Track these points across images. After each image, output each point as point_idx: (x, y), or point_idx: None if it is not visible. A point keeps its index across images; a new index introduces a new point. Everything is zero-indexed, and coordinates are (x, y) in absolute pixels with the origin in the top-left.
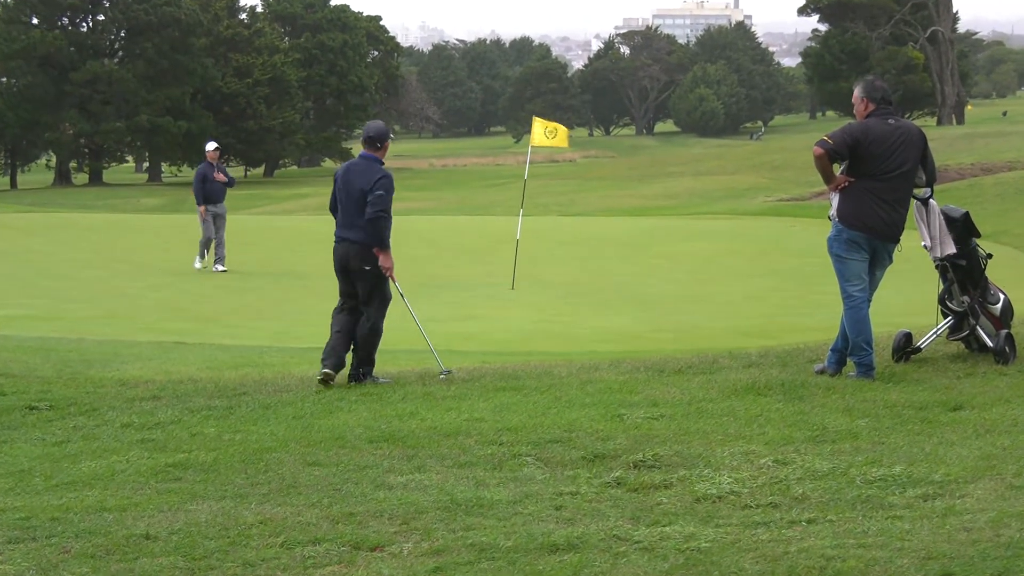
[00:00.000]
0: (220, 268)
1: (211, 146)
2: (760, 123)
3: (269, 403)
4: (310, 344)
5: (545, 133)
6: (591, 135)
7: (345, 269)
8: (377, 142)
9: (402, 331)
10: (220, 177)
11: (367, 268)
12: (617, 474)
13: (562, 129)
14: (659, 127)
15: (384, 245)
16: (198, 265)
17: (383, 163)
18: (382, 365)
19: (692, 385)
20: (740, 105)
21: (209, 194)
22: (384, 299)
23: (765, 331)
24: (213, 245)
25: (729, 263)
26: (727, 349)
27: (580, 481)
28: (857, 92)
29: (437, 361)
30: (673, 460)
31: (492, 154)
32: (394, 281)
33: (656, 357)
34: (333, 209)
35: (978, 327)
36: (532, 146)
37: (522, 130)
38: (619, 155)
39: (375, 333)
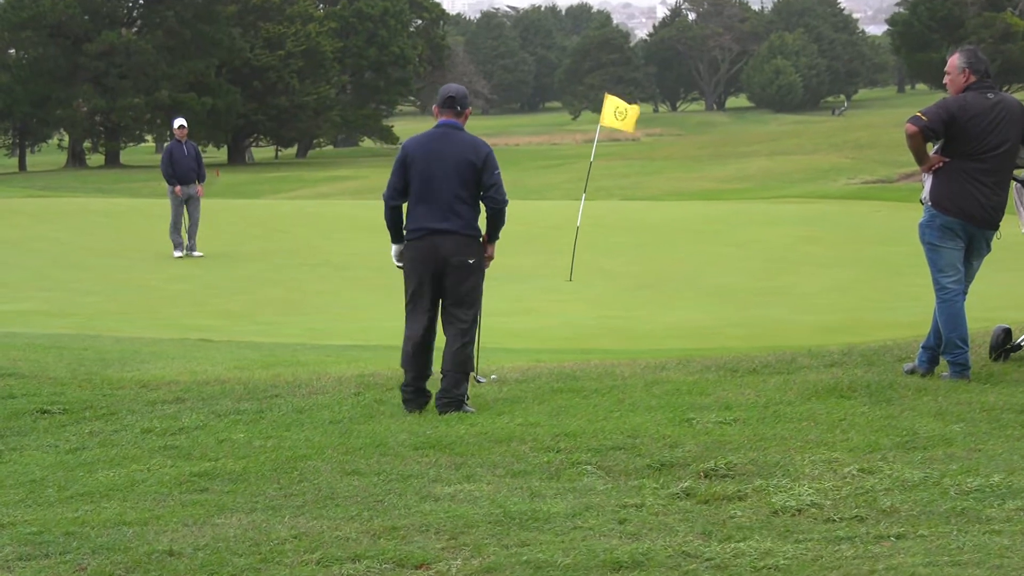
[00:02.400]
0: (197, 254)
1: (178, 123)
2: (843, 97)
3: (303, 406)
4: (348, 341)
5: (615, 113)
6: (656, 111)
7: (437, 267)
8: (459, 105)
9: None
10: (178, 191)
11: (471, 262)
12: (686, 484)
13: (633, 111)
14: (731, 102)
15: (498, 237)
16: (178, 254)
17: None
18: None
19: (768, 386)
20: (820, 77)
21: (179, 174)
22: (481, 298)
23: (849, 327)
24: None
25: (809, 252)
26: (807, 347)
27: (645, 492)
28: (957, 62)
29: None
30: (747, 469)
31: (547, 132)
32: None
33: (728, 355)
34: (397, 195)
35: None
36: (601, 125)
37: (580, 106)
38: (687, 133)
39: (471, 344)
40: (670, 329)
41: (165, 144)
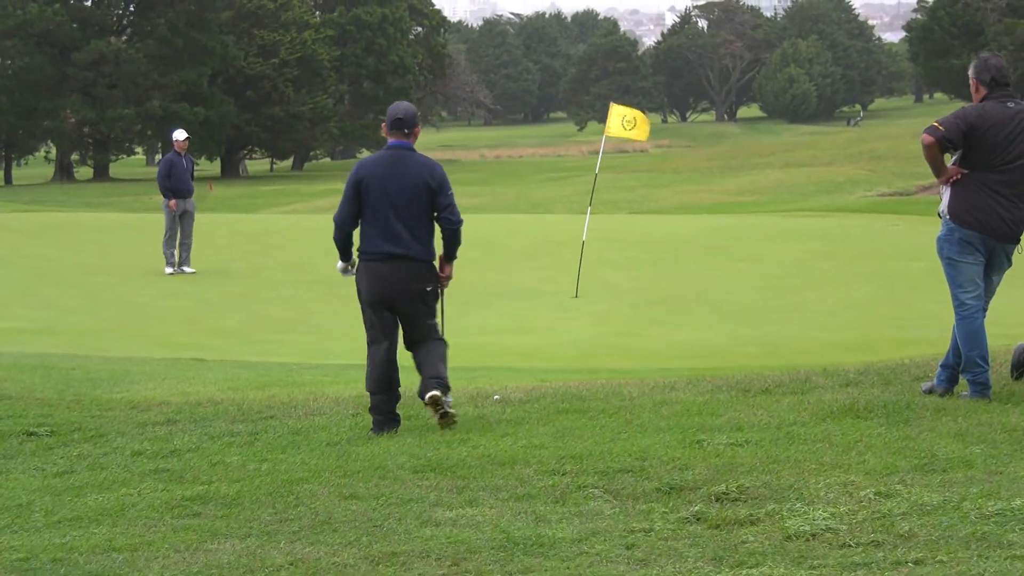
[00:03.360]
0: (189, 270)
1: (180, 135)
2: (858, 107)
3: (300, 428)
4: (346, 361)
5: (623, 123)
6: (665, 121)
7: (393, 295)
8: (406, 127)
9: (452, 347)
10: (173, 205)
11: (428, 289)
12: (696, 508)
13: (643, 119)
14: (743, 112)
15: (455, 257)
16: (169, 271)
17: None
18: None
19: (782, 407)
20: (835, 86)
21: (176, 187)
22: (439, 316)
23: (865, 345)
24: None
25: (823, 267)
26: (821, 366)
27: (654, 516)
28: (969, 72)
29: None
30: (760, 492)
31: (552, 144)
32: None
33: (740, 375)
34: (351, 220)
35: None
36: (607, 136)
37: (586, 116)
38: (697, 144)
39: (444, 346)
40: (679, 347)
41: (158, 157)
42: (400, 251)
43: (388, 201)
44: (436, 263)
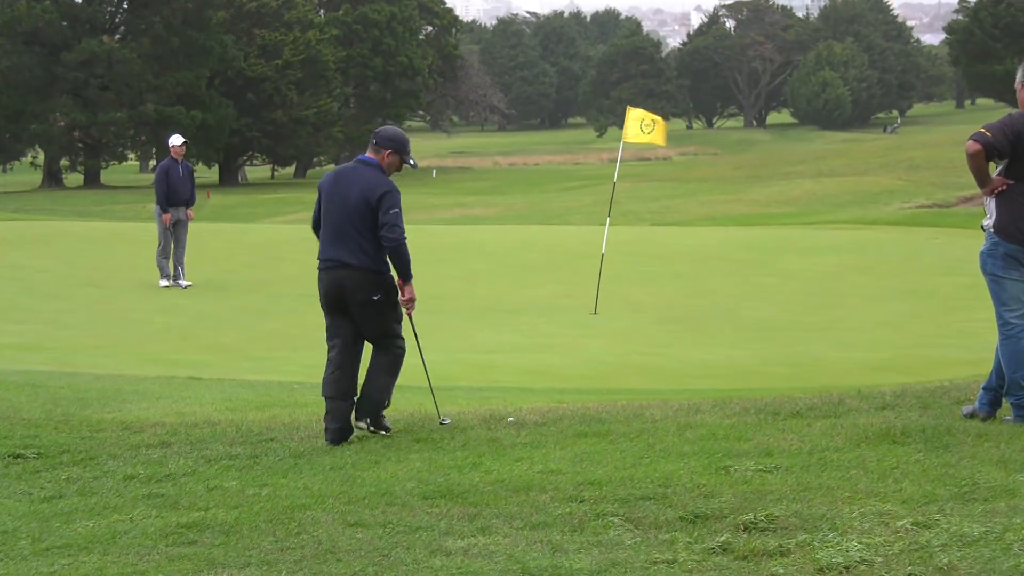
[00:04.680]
0: (185, 283)
1: (177, 140)
2: (896, 113)
3: (302, 451)
4: None
5: (641, 127)
6: (690, 127)
7: (340, 301)
8: (377, 142)
9: (460, 364)
10: (167, 219)
11: (375, 298)
12: (723, 538)
13: (660, 123)
14: (772, 118)
15: (409, 276)
16: (164, 283)
17: (383, 170)
18: (441, 404)
19: (813, 431)
20: (871, 91)
21: (173, 196)
22: (399, 325)
23: (902, 365)
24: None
25: (858, 283)
26: (856, 387)
27: (678, 547)
28: (1019, 77)
29: (435, 406)
30: (791, 522)
31: (570, 151)
32: (410, 316)
33: (769, 397)
34: (316, 224)
35: None
36: (624, 142)
37: (606, 122)
38: (724, 152)
39: (395, 369)
40: (704, 367)
41: (152, 163)
42: (344, 259)
43: (336, 210)
44: (391, 275)
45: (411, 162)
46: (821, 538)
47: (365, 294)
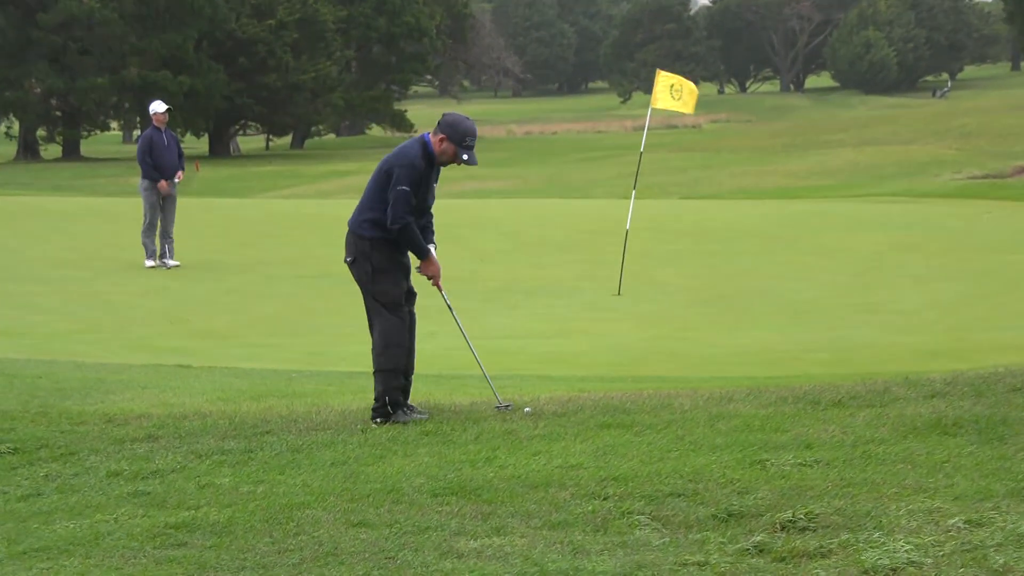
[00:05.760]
0: (172, 263)
1: (159, 107)
2: (945, 76)
3: (301, 445)
4: (354, 367)
5: (671, 92)
6: (721, 92)
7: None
8: (439, 130)
9: (477, 351)
10: (163, 187)
11: (348, 260)
12: (758, 538)
13: (691, 88)
14: (811, 82)
15: (421, 254)
16: (150, 264)
17: (432, 154)
18: (448, 394)
19: (857, 422)
20: (919, 52)
21: (159, 167)
22: (384, 307)
23: (953, 350)
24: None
25: (905, 261)
26: (903, 374)
27: (710, 548)
28: None
29: (493, 392)
30: (832, 520)
31: (590, 118)
32: (440, 290)
33: (809, 384)
34: None
35: None
36: (653, 108)
37: (630, 87)
38: (758, 119)
39: (381, 359)
40: (738, 353)
41: (136, 133)
42: (350, 221)
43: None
44: (368, 241)
45: (464, 157)
46: (866, 538)
47: (346, 253)
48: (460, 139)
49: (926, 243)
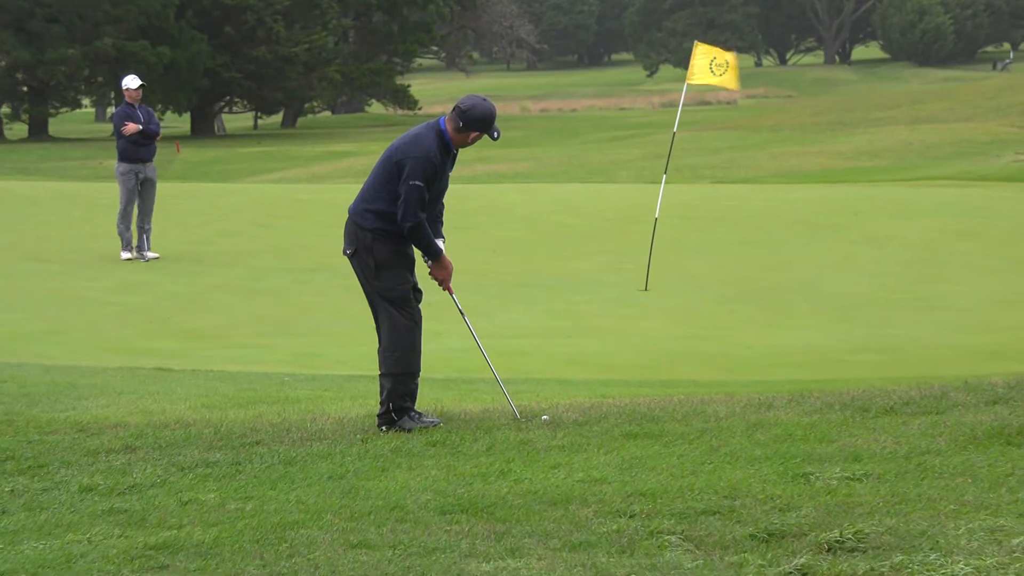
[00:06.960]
0: (151, 255)
1: (132, 82)
2: (1007, 46)
3: (294, 457)
4: (352, 371)
5: (711, 67)
6: (759, 65)
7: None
8: (461, 119)
9: (488, 352)
10: (131, 128)
11: (347, 252)
12: (802, 560)
13: (734, 63)
14: (858, 53)
15: (434, 255)
16: (126, 256)
17: (449, 143)
18: (458, 401)
19: (911, 431)
20: (978, 20)
21: (134, 148)
22: (390, 305)
23: (1017, 351)
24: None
25: (963, 251)
26: (962, 377)
27: (748, 571)
28: None
29: (509, 402)
30: (884, 540)
31: (614, 94)
32: (451, 293)
33: (857, 390)
34: None
35: None
36: (689, 83)
37: (657, 59)
38: (800, 94)
39: (390, 360)
40: (778, 354)
41: (110, 110)
42: (350, 210)
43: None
44: (369, 233)
45: (495, 135)
46: (921, 560)
47: (345, 244)
48: (469, 121)
49: (986, 231)
